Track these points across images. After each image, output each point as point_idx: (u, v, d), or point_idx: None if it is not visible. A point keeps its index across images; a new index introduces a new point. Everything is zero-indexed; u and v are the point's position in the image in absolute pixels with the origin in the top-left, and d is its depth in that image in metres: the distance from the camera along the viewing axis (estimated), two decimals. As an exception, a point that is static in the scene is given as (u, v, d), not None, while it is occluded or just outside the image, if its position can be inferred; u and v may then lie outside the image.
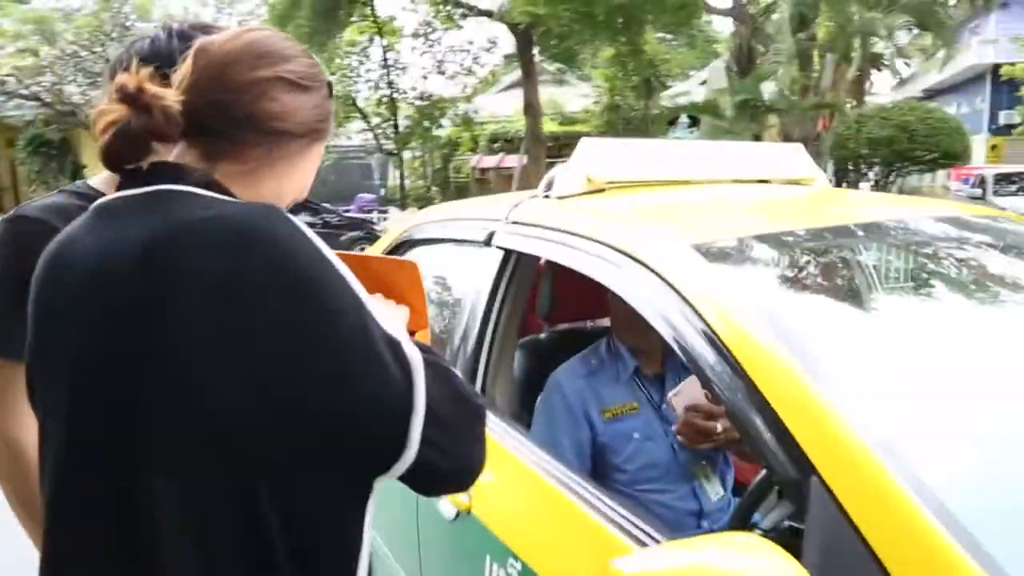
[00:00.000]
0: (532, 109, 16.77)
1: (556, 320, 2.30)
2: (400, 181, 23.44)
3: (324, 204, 12.28)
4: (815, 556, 0.89)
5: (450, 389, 0.79)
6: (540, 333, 2.34)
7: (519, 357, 2.02)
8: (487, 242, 1.83)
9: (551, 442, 1.68)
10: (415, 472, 0.77)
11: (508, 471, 1.51)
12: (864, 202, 2.33)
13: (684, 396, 1.63)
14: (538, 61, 18.72)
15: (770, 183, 2.18)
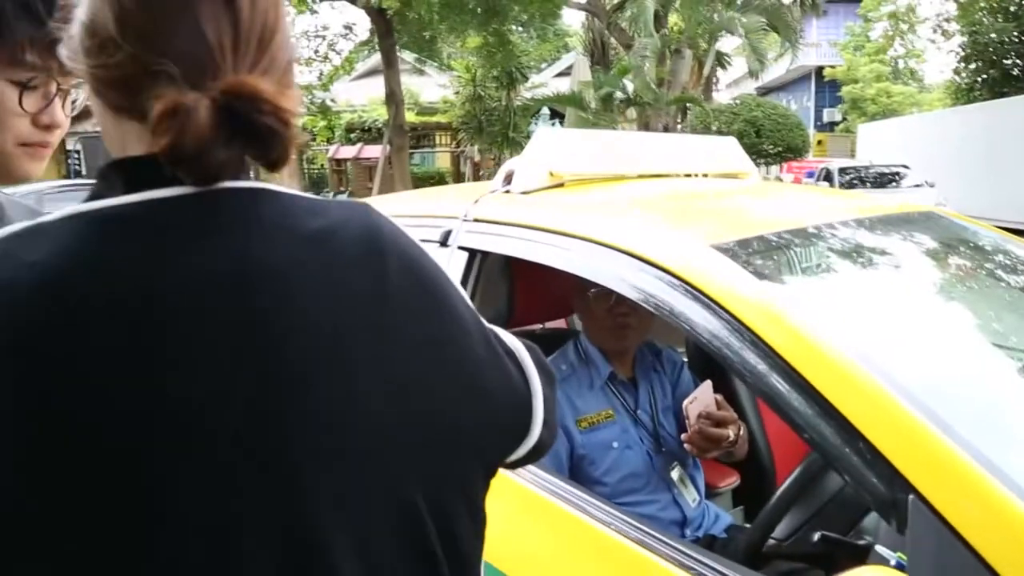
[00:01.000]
0: (394, 98, 16.29)
1: (510, 325, 2.19)
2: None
3: None
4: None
5: (539, 362, 0.77)
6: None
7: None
8: (443, 242, 1.69)
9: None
10: (527, 453, 0.76)
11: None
12: (821, 198, 2.38)
13: (699, 403, 1.55)
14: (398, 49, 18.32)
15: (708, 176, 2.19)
